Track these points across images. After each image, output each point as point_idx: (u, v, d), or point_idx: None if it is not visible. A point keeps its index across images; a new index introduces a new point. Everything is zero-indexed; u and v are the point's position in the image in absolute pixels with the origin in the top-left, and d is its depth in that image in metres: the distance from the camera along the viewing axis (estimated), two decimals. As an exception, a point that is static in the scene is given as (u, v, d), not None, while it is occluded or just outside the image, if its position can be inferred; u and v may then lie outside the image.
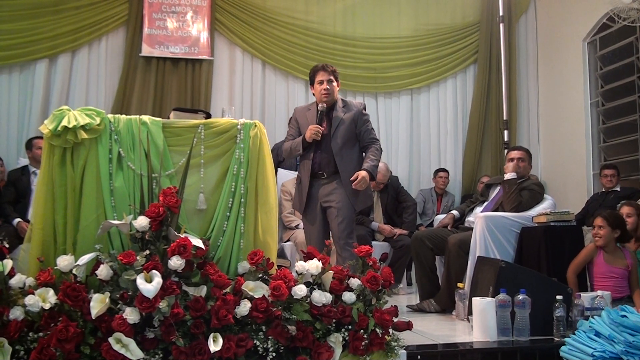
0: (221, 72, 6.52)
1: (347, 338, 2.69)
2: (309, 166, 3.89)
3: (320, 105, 3.89)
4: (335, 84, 3.94)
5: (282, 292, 2.58)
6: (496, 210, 4.35)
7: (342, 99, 4.02)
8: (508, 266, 3.49)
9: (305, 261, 2.82)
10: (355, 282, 2.82)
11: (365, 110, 3.99)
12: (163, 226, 2.62)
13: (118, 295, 2.44)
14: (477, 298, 3.29)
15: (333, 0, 6.90)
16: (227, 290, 2.62)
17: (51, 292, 2.43)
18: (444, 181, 6.69)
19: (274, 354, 2.53)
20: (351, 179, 3.76)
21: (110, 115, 2.90)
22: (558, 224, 3.98)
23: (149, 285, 2.38)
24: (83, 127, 2.74)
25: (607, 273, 3.77)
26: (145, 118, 2.94)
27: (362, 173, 3.76)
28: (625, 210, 4.24)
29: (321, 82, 3.91)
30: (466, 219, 4.61)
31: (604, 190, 5.63)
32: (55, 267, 2.50)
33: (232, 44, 6.59)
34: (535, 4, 7.33)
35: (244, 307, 2.55)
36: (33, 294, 2.42)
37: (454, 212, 4.77)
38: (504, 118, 6.90)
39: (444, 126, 7.11)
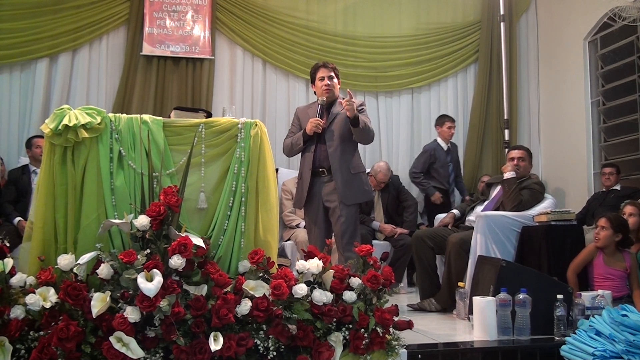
0: (222, 71, 6.51)
1: (347, 337, 2.69)
2: (310, 159, 3.91)
3: (320, 99, 3.92)
4: (336, 80, 4.00)
5: (283, 291, 2.58)
6: (497, 209, 4.35)
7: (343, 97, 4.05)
8: (509, 265, 3.49)
9: (305, 260, 2.82)
10: (355, 281, 2.83)
11: (362, 105, 4.02)
12: (164, 225, 2.62)
13: (119, 294, 2.45)
14: (478, 297, 3.29)
15: (334, -1, 6.90)
16: (228, 289, 2.62)
17: (52, 291, 2.44)
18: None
19: (274, 353, 2.53)
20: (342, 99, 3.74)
21: (111, 114, 2.90)
22: (559, 223, 3.97)
23: (150, 284, 2.39)
24: (84, 126, 2.75)
25: (604, 274, 3.78)
26: (146, 117, 2.94)
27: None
28: (628, 209, 4.24)
29: (322, 79, 3.97)
30: (467, 218, 4.61)
31: (604, 189, 5.63)
32: (56, 266, 2.51)
33: (233, 43, 6.57)
34: (536, 3, 7.32)
35: (245, 306, 2.55)
36: (34, 292, 2.42)
37: (455, 211, 4.77)
38: (505, 117, 6.88)
39: (445, 125, 7.10)
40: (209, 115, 3.25)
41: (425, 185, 6.18)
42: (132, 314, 2.37)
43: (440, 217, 5.10)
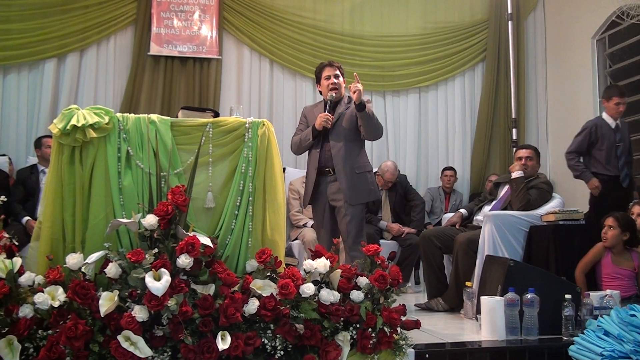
0: (229, 71, 6.52)
1: (355, 337, 2.69)
2: (316, 158, 3.93)
3: (329, 94, 3.93)
4: (341, 79, 4.01)
5: (290, 290, 2.58)
6: (505, 209, 4.34)
7: (348, 96, 4.05)
8: (516, 265, 3.48)
9: (313, 259, 2.82)
10: (363, 280, 2.82)
11: (369, 102, 4.00)
12: (171, 224, 2.63)
13: (127, 293, 2.45)
14: (486, 297, 3.28)
15: (341, -2, 6.90)
16: (235, 288, 2.63)
17: (60, 290, 2.44)
18: (449, 179, 6.67)
19: (282, 352, 2.53)
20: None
21: (118, 114, 2.91)
22: (567, 222, 3.96)
23: (158, 283, 2.39)
24: (92, 125, 2.75)
25: (612, 273, 3.77)
26: (154, 117, 2.95)
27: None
28: (636, 209, 4.21)
29: (328, 78, 3.99)
30: (474, 218, 4.60)
31: (613, 189, 5.58)
32: (65, 265, 2.51)
33: (240, 43, 6.59)
34: (543, 2, 7.29)
35: (252, 306, 2.55)
36: (42, 291, 2.43)
37: (462, 210, 4.76)
38: (513, 116, 6.86)
39: (452, 125, 7.09)
40: (217, 114, 3.25)
41: (578, 168, 4.92)
42: (140, 313, 2.38)
43: (447, 216, 5.09)
